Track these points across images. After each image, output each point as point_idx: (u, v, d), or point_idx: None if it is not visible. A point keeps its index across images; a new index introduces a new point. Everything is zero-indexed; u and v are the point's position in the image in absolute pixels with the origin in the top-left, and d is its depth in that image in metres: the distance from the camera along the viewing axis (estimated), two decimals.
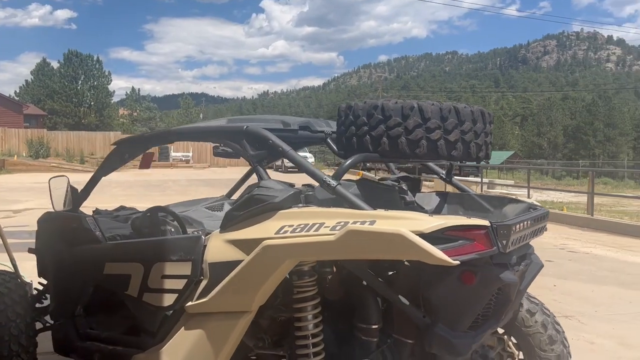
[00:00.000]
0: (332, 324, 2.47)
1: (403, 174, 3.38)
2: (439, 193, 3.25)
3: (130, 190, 19.69)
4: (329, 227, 2.10)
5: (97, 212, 3.75)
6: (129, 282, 2.69)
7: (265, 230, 2.24)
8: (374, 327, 2.37)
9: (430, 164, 3.31)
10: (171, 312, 2.59)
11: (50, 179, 3.08)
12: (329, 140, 3.01)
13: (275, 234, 2.20)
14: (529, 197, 14.96)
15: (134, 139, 3.05)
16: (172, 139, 2.93)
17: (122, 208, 3.89)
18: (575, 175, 44.08)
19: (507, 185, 18.91)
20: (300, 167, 2.42)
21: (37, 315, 3.35)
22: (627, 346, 4.35)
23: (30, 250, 3.86)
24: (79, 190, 3.11)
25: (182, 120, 61.10)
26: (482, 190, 17.06)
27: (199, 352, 2.44)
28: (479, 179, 18.46)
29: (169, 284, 2.53)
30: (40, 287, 3.56)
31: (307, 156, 31.84)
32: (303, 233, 2.14)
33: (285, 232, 2.18)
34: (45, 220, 3.29)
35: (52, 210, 3.39)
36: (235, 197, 4.22)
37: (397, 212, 2.14)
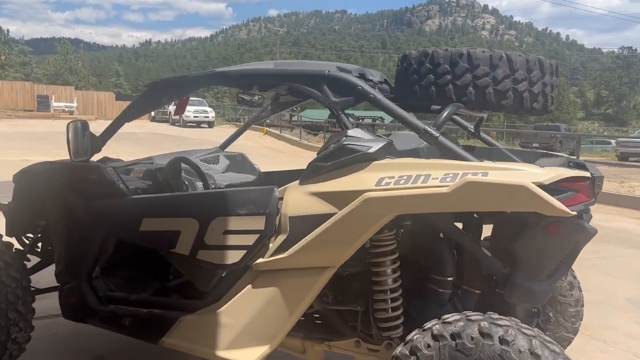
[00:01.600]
0: (404, 276, 2.43)
1: None
2: (465, 147, 3.28)
3: (14, 142, 17.84)
4: (437, 178, 2.03)
5: (104, 160, 3.37)
6: (177, 240, 2.44)
7: (361, 181, 2.12)
8: (449, 279, 2.37)
9: (458, 118, 3.32)
10: (230, 270, 2.40)
11: (69, 123, 2.66)
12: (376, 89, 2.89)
13: (375, 185, 2.09)
14: None
15: (176, 80, 2.70)
16: (226, 82, 2.63)
17: (107, 159, 3.51)
18: (454, 136, 46.95)
19: None
20: (397, 117, 2.30)
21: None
22: (585, 291, 4.79)
23: None
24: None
25: (61, 67, 55.88)
26: None
27: (270, 310, 2.30)
28: None
29: (234, 240, 2.33)
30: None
31: (207, 110, 30.74)
32: (409, 185, 2.04)
33: (387, 184, 2.07)
34: (42, 172, 2.87)
35: (48, 161, 2.98)
36: (230, 149, 3.97)
37: (505, 164, 2.11)
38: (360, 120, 30.91)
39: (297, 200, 2.23)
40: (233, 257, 2.34)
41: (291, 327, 2.33)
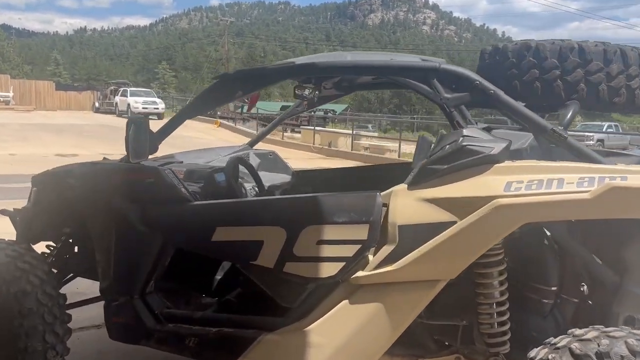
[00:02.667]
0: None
1: (484, 125, 3.21)
2: None
3: None
4: (572, 183, 1.88)
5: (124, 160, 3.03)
6: (259, 251, 2.17)
7: (488, 187, 1.93)
8: (553, 288, 2.23)
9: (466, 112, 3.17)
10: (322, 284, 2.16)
11: (129, 120, 2.32)
12: None
13: (504, 191, 1.91)
14: (400, 149, 15.79)
15: (253, 72, 2.39)
16: (311, 74, 2.36)
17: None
18: (398, 129, 47.40)
19: (372, 137, 19.78)
20: (520, 116, 2.10)
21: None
22: None
23: (4, 212, 3.01)
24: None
25: None
26: (352, 142, 17.57)
27: (370, 328, 2.08)
28: (347, 131, 19.05)
29: (330, 251, 2.09)
30: None
31: (156, 101, 29.65)
32: (542, 190, 1.88)
33: (517, 189, 1.90)
34: (83, 175, 2.52)
35: (89, 162, 2.63)
36: (258, 146, 3.69)
37: (637, 167, 1.98)
38: (312, 113, 30.75)
39: (408, 207, 2.02)
40: (328, 270, 2.10)
41: (390, 345, 2.12)
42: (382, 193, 2.09)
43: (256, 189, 2.89)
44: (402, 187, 2.07)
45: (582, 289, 2.29)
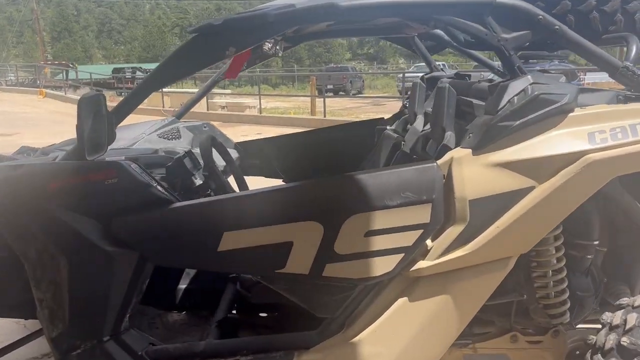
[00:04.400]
0: None
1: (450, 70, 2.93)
2: None
3: None
4: None
5: (24, 151, 2.26)
6: (287, 255, 1.66)
7: (569, 142, 1.64)
8: (595, 243, 2.06)
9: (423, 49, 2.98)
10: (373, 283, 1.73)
11: (82, 97, 1.55)
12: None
13: (590, 144, 1.63)
14: (260, 105, 15.28)
15: (251, 20, 1.66)
16: (328, 17, 1.75)
17: (27, 149, 2.39)
18: (237, 84, 46.62)
19: (226, 94, 18.90)
20: (587, 54, 1.78)
21: None
22: None
23: None
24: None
25: None
26: (207, 102, 16.54)
27: (436, 324, 1.73)
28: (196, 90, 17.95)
29: (384, 242, 1.65)
30: None
31: None
32: (630, 139, 1.65)
33: (603, 140, 1.64)
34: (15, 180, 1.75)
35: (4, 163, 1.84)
36: (185, 118, 3.01)
37: None
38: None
39: (478, 176, 1.66)
40: (383, 265, 1.68)
41: (456, 338, 1.81)
42: (438, 162, 1.70)
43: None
44: (464, 152, 1.69)
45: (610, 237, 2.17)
